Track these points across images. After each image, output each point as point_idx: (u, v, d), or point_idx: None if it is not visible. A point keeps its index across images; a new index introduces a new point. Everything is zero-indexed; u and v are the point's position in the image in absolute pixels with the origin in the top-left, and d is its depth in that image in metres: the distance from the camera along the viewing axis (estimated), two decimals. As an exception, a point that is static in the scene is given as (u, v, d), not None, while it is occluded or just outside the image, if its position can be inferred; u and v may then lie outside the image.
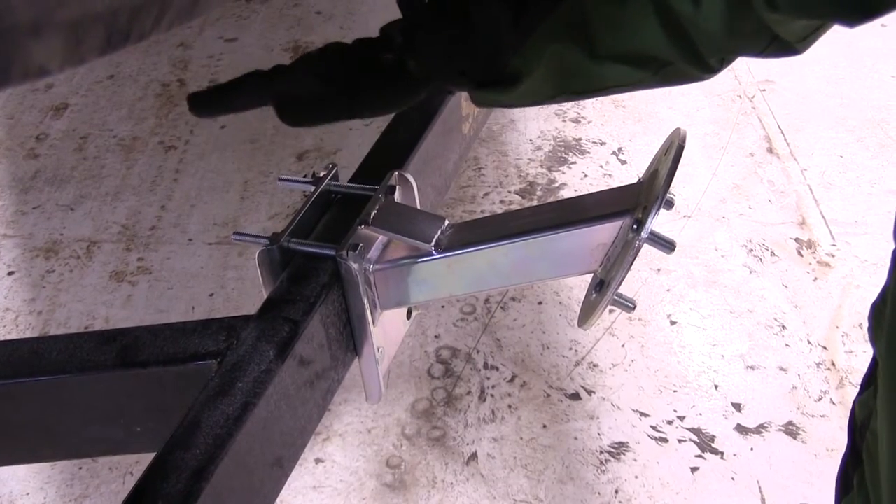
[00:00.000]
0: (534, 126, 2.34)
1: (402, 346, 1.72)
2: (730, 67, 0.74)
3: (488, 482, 1.52)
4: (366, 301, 0.87)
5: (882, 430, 0.63)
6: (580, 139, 2.29)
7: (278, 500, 0.82)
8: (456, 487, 1.52)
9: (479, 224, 0.90)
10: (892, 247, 0.65)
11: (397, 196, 0.95)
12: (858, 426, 0.73)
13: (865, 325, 1.74)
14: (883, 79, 2.48)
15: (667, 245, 0.76)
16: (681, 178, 2.08)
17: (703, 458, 1.55)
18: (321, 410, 0.87)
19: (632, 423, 1.60)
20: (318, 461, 1.57)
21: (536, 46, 0.74)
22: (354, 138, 2.33)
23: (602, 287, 0.80)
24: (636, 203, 0.79)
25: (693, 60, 0.70)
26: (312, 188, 0.95)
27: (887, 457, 0.63)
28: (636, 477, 1.52)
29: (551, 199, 2.10)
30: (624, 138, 2.29)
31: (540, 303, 1.84)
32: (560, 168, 2.20)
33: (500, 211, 2.05)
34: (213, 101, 0.87)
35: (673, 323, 1.79)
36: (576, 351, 1.73)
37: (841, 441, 1.58)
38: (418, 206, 1.00)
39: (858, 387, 0.75)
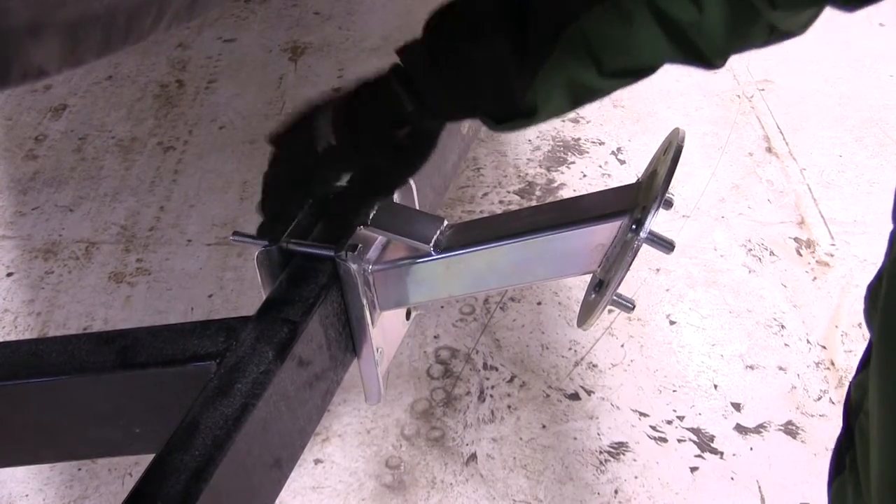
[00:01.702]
0: (532, 126, 2.33)
1: (402, 347, 1.72)
2: (728, 67, 0.75)
3: (488, 482, 1.52)
4: (365, 302, 0.87)
5: (873, 409, 0.64)
6: (579, 139, 2.29)
7: (277, 501, 0.82)
8: (455, 488, 1.52)
9: (478, 224, 0.90)
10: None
11: (396, 196, 0.95)
12: (853, 408, 0.74)
13: (864, 323, 1.75)
14: (881, 78, 2.48)
15: (666, 245, 0.76)
16: (680, 178, 2.08)
17: (703, 457, 1.55)
18: (320, 411, 0.87)
19: (631, 423, 1.60)
20: (317, 462, 1.57)
21: (547, 80, 0.73)
22: (353, 139, 2.33)
23: (601, 287, 0.80)
24: (635, 203, 0.79)
25: (697, 61, 0.71)
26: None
27: (877, 434, 0.63)
28: (636, 477, 1.52)
29: (550, 199, 2.10)
30: (623, 138, 2.29)
31: (539, 303, 1.84)
32: (559, 168, 2.20)
33: (499, 211, 2.05)
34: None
35: (672, 323, 1.79)
36: (575, 351, 1.73)
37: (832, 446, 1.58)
38: (417, 207, 0.99)
39: (846, 393, 0.75)
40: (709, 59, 0.70)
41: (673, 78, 2.46)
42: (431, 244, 0.86)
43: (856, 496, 0.72)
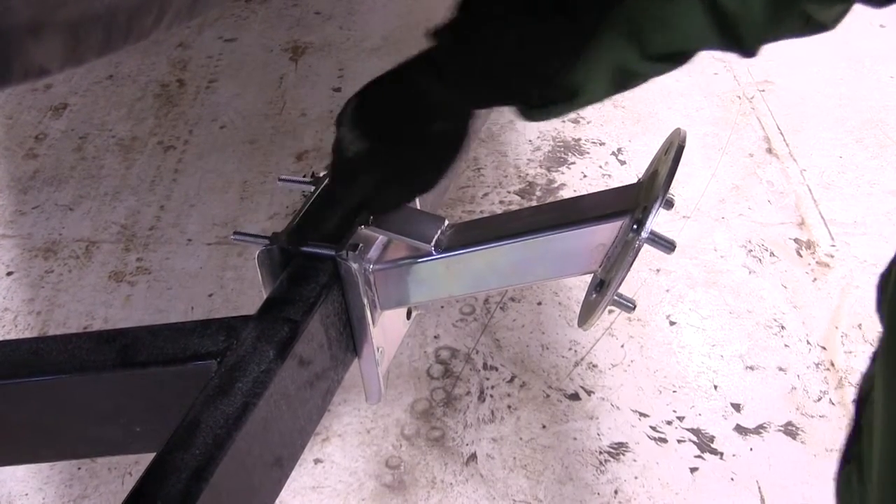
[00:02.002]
0: (533, 126, 2.34)
1: (402, 347, 1.72)
2: (728, 68, 0.75)
3: (487, 482, 1.52)
4: (366, 301, 0.87)
5: (878, 396, 0.64)
6: (579, 139, 2.29)
7: (277, 501, 0.82)
8: (455, 488, 1.52)
9: (478, 224, 0.90)
10: (892, 247, 0.66)
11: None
12: (862, 400, 0.74)
13: (864, 324, 1.75)
14: (882, 79, 2.48)
15: (667, 245, 0.76)
16: (680, 179, 2.08)
17: (703, 458, 1.55)
18: (321, 411, 0.87)
19: (631, 424, 1.60)
20: (317, 461, 1.57)
21: (589, 62, 0.71)
22: (354, 138, 2.33)
23: (602, 287, 0.80)
24: (636, 203, 0.79)
25: (736, 47, 0.71)
26: (312, 188, 0.95)
27: (880, 419, 0.63)
28: (636, 477, 1.52)
29: (550, 199, 2.10)
30: (623, 139, 2.29)
31: (539, 303, 1.84)
32: (559, 168, 2.20)
33: (499, 211, 2.05)
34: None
35: (672, 323, 1.79)
36: (575, 351, 1.73)
37: (840, 441, 1.58)
38: (418, 207, 1.00)
39: (858, 386, 0.75)
40: (748, 45, 0.70)
41: (673, 78, 2.46)
42: (432, 244, 0.86)
43: (859, 484, 0.73)
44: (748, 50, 0.70)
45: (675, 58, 0.73)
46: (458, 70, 0.73)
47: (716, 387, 1.66)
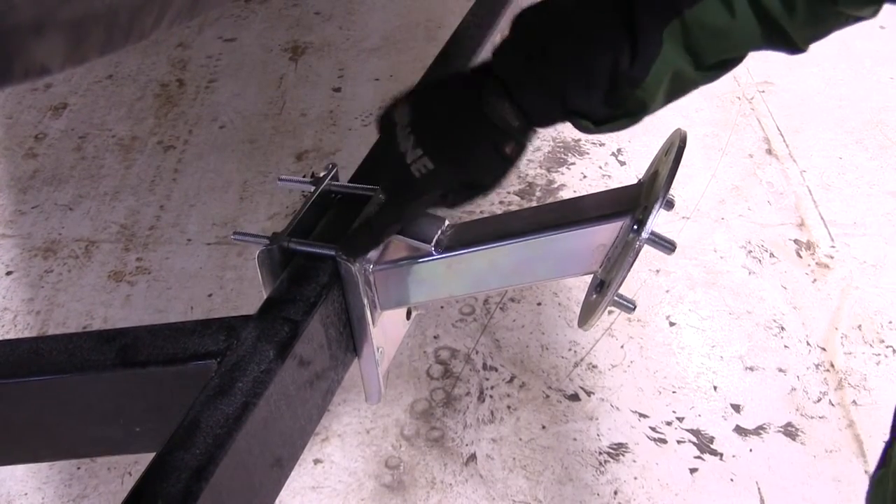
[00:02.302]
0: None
1: (401, 347, 1.72)
2: (728, 69, 0.76)
3: (487, 483, 1.52)
4: (366, 301, 0.87)
5: None
6: (579, 140, 2.29)
7: (277, 501, 0.82)
8: (455, 488, 1.52)
9: (479, 224, 0.90)
10: (891, 248, 0.66)
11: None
12: None
13: (864, 325, 1.75)
14: (881, 81, 2.49)
15: (667, 246, 0.76)
16: (680, 180, 2.08)
17: (703, 459, 1.55)
18: (321, 411, 0.87)
19: (631, 424, 1.60)
20: (316, 461, 1.57)
21: (657, 75, 0.71)
22: (353, 138, 2.33)
23: (602, 288, 0.80)
24: (636, 204, 0.79)
25: (786, 47, 0.71)
26: (312, 188, 0.95)
27: None
28: (635, 478, 1.52)
29: (550, 199, 2.10)
30: (623, 139, 2.29)
31: (539, 304, 1.84)
32: (559, 169, 2.20)
33: (498, 211, 2.05)
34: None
35: (672, 324, 1.79)
36: (575, 352, 1.73)
37: (840, 442, 1.59)
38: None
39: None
40: (797, 44, 0.70)
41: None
42: (433, 244, 0.86)
43: (892, 486, 0.74)
44: (798, 49, 0.71)
45: (728, 64, 0.74)
46: (532, 93, 0.72)
47: (715, 388, 1.66)
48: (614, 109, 0.74)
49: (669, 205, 0.76)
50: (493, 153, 0.76)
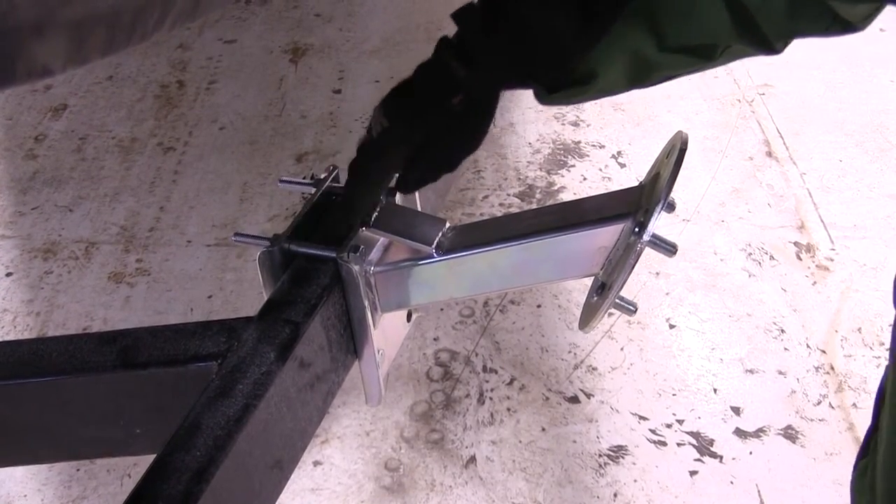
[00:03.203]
0: (532, 129, 2.34)
1: (401, 349, 1.72)
2: (728, 71, 0.76)
3: (487, 485, 1.52)
4: (366, 303, 0.87)
5: (889, 389, 0.65)
6: (579, 142, 2.29)
7: (277, 503, 0.82)
8: (454, 490, 1.51)
9: (480, 226, 0.90)
10: (891, 251, 0.67)
11: (398, 198, 0.95)
12: (883, 395, 0.75)
13: (864, 328, 1.75)
14: (882, 83, 2.49)
15: (668, 248, 0.76)
16: (680, 182, 2.07)
17: (702, 461, 1.55)
18: (321, 413, 0.87)
19: (631, 427, 1.60)
20: (316, 464, 1.56)
21: (608, 48, 0.73)
22: (354, 140, 2.32)
23: (603, 290, 0.80)
24: (638, 206, 0.79)
25: (758, 44, 0.71)
26: (313, 190, 0.95)
27: (888, 412, 0.64)
28: (635, 481, 1.52)
29: (550, 202, 2.10)
30: (623, 142, 2.29)
31: (539, 306, 1.84)
32: (559, 171, 2.20)
33: (499, 214, 2.05)
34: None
35: (672, 326, 1.79)
36: (575, 354, 1.73)
37: (840, 445, 1.58)
38: (419, 209, 1.00)
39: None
40: (770, 42, 0.70)
41: (673, 81, 2.46)
42: (433, 246, 0.86)
43: (873, 474, 0.74)
44: (770, 46, 0.71)
45: (695, 51, 0.74)
46: (482, 51, 0.75)
47: (715, 390, 1.66)
48: (563, 77, 0.76)
49: (671, 207, 0.76)
50: (440, 104, 0.79)
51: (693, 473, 1.53)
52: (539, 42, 0.73)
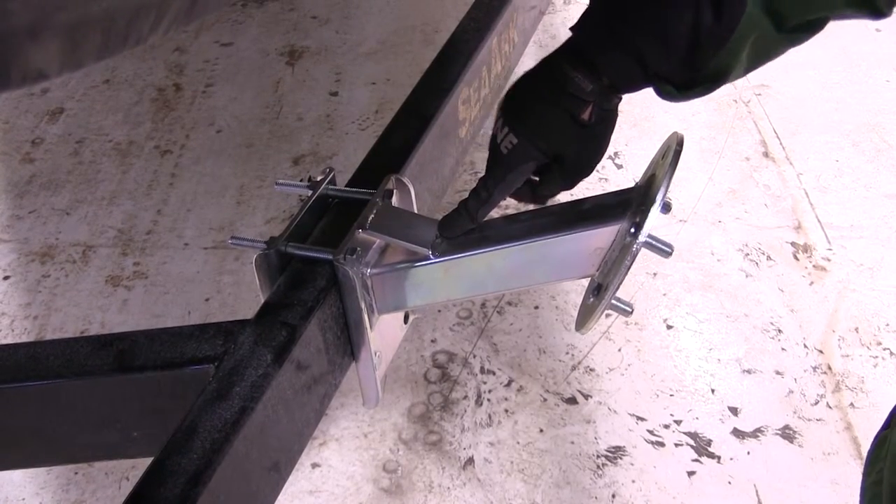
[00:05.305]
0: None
1: (399, 351, 1.72)
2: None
3: (485, 486, 1.52)
4: (363, 305, 0.87)
5: None
6: (576, 143, 2.29)
7: (275, 505, 0.82)
8: (452, 492, 1.51)
9: (476, 228, 0.90)
10: (888, 251, 0.67)
11: (394, 200, 0.95)
12: None
13: (861, 328, 1.75)
14: (877, 83, 2.49)
15: (665, 249, 0.76)
16: (676, 183, 2.09)
17: (700, 462, 1.55)
18: (318, 415, 0.87)
19: (628, 428, 1.60)
20: (314, 466, 1.56)
21: (739, 39, 0.72)
22: (350, 142, 2.33)
23: (600, 291, 0.80)
24: (634, 207, 0.79)
25: (867, 10, 0.71)
26: (310, 192, 0.95)
27: None
28: (633, 481, 1.52)
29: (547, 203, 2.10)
30: (619, 143, 2.29)
31: (536, 307, 1.84)
32: (556, 172, 2.20)
33: (495, 216, 2.05)
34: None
35: (669, 327, 1.79)
36: (572, 355, 1.73)
37: (837, 445, 1.59)
38: (415, 211, 1.00)
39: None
40: (879, 6, 0.70)
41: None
42: (430, 248, 0.86)
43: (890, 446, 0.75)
44: (880, 12, 0.70)
45: (810, 27, 0.73)
46: (608, 53, 0.74)
47: (713, 390, 1.66)
48: (695, 72, 0.74)
49: (667, 207, 0.76)
50: (569, 119, 0.78)
51: (691, 474, 1.53)
52: (671, 39, 0.71)
